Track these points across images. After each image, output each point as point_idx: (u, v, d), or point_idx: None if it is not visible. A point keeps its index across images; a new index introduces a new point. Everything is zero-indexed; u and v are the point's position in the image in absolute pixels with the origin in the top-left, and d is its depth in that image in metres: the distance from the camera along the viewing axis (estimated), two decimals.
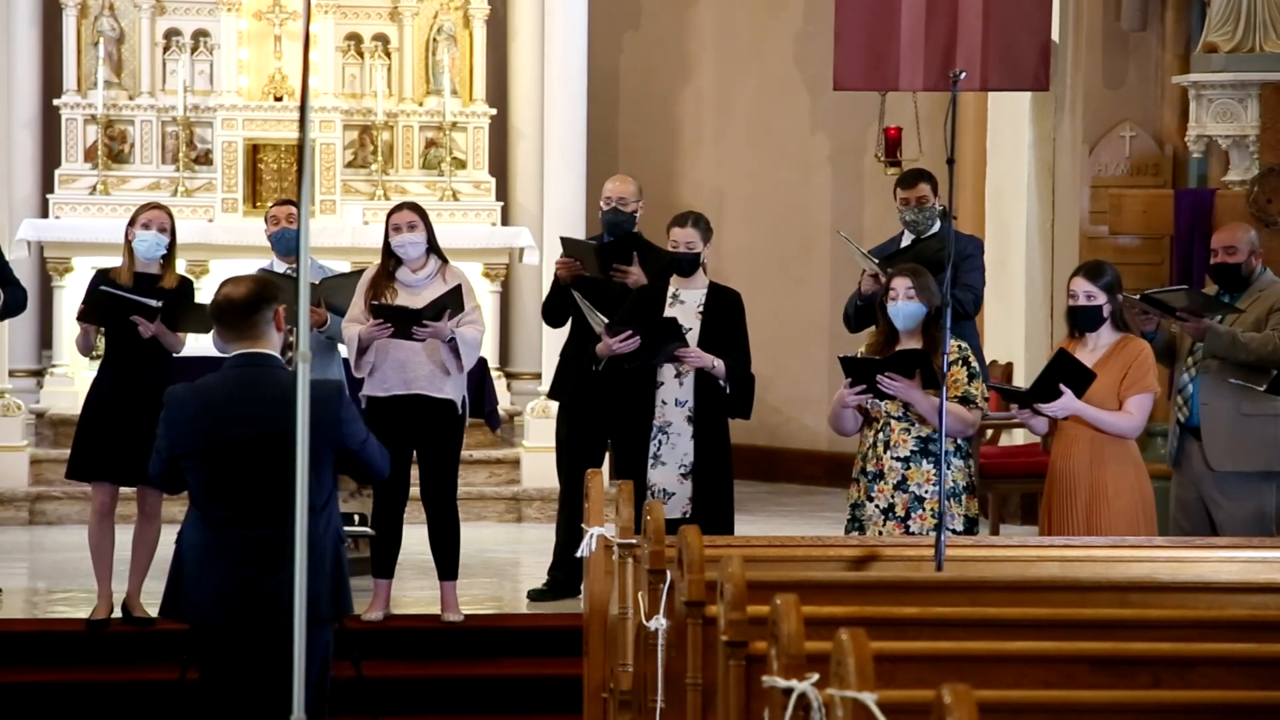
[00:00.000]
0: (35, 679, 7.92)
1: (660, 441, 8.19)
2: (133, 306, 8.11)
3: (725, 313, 8.30)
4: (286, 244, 8.85)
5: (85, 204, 11.96)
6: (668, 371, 8.22)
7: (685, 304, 8.31)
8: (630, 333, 8.15)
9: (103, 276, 8.41)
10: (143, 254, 8.30)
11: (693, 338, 8.20)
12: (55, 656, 8.11)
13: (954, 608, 5.48)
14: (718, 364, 8.16)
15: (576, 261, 8.89)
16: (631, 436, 8.29)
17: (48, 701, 7.85)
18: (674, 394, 8.22)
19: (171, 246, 8.37)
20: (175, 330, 8.25)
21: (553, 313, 9.22)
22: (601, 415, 8.74)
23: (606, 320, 8.25)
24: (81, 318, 8.27)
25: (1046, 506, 7.59)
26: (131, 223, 8.36)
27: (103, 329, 8.37)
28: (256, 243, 11.01)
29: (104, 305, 8.17)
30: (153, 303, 8.13)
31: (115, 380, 8.22)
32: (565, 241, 9.19)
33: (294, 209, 8.89)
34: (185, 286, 8.41)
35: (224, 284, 5.69)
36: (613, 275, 8.78)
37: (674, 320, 8.16)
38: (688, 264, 8.32)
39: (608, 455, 9.16)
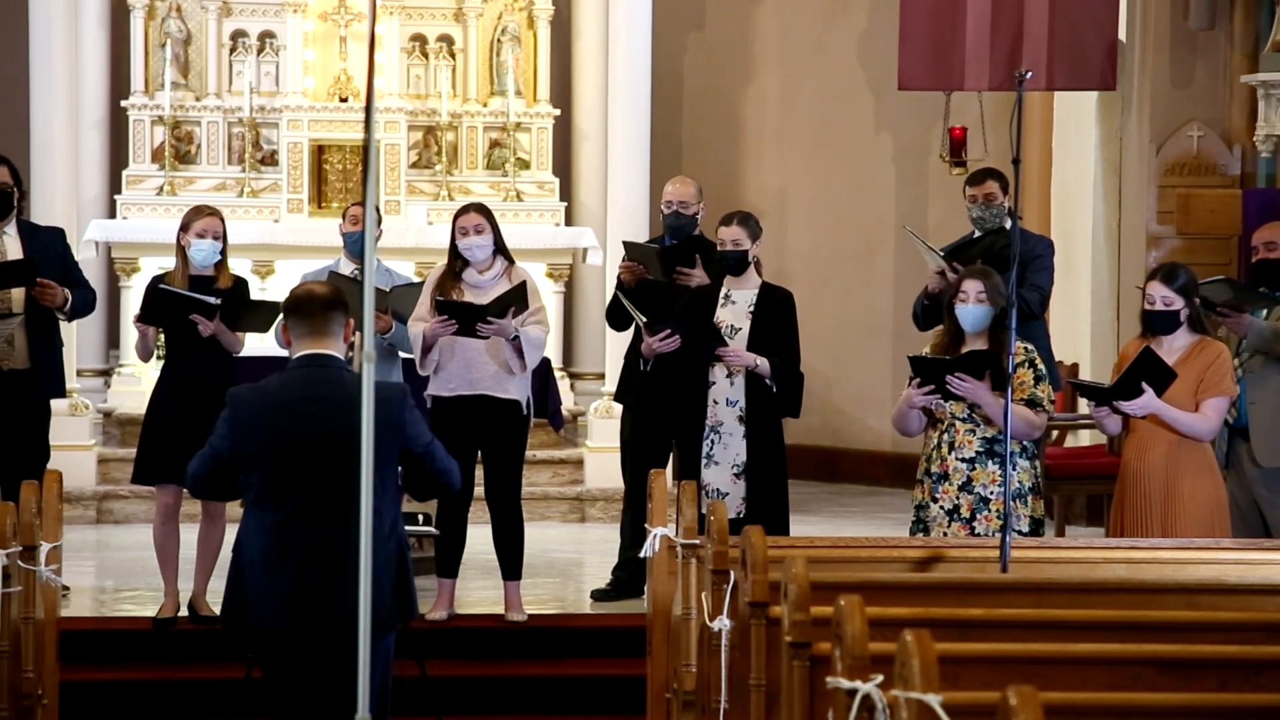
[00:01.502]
0: (102, 677, 7.96)
1: (713, 441, 8.19)
2: (192, 305, 8.14)
3: (775, 312, 8.29)
4: (356, 245, 8.93)
5: (152, 204, 12.03)
6: (719, 372, 8.22)
7: (737, 304, 8.30)
8: (669, 332, 8.17)
9: (159, 282, 8.46)
10: (199, 261, 8.34)
11: (742, 337, 8.19)
12: (122, 655, 8.16)
13: (1019, 609, 5.45)
14: (760, 363, 8.15)
15: (640, 265, 8.89)
16: (690, 437, 8.28)
17: (114, 699, 7.90)
18: (725, 394, 8.22)
19: (224, 249, 8.40)
20: (234, 330, 8.29)
21: (616, 317, 9.22)
22: (665, 416, 8.75)
23: (647, 320, 8.27)
24: (141, 319, 8.31)
25: (1118, 508, 7.54)
26: (184, 228, 8.37)
27: (161, 333, 8.39)
28: (321, 243, 11.08)
29: (163, 305, 8.20)
30: (212, 300, 8.16)
31: (176, 382, 8.26)
32: (628, 245, 9.20)
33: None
34: (240, 285, 8.45)
35: (304, 283, 5.72)
36: (675, 278, 8.78)
37: (710, 320, 8.16)
38: (734, 262, 8.31)
39: (672, 456, 9.16)
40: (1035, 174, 12.07)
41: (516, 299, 8.18)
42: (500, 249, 8.41)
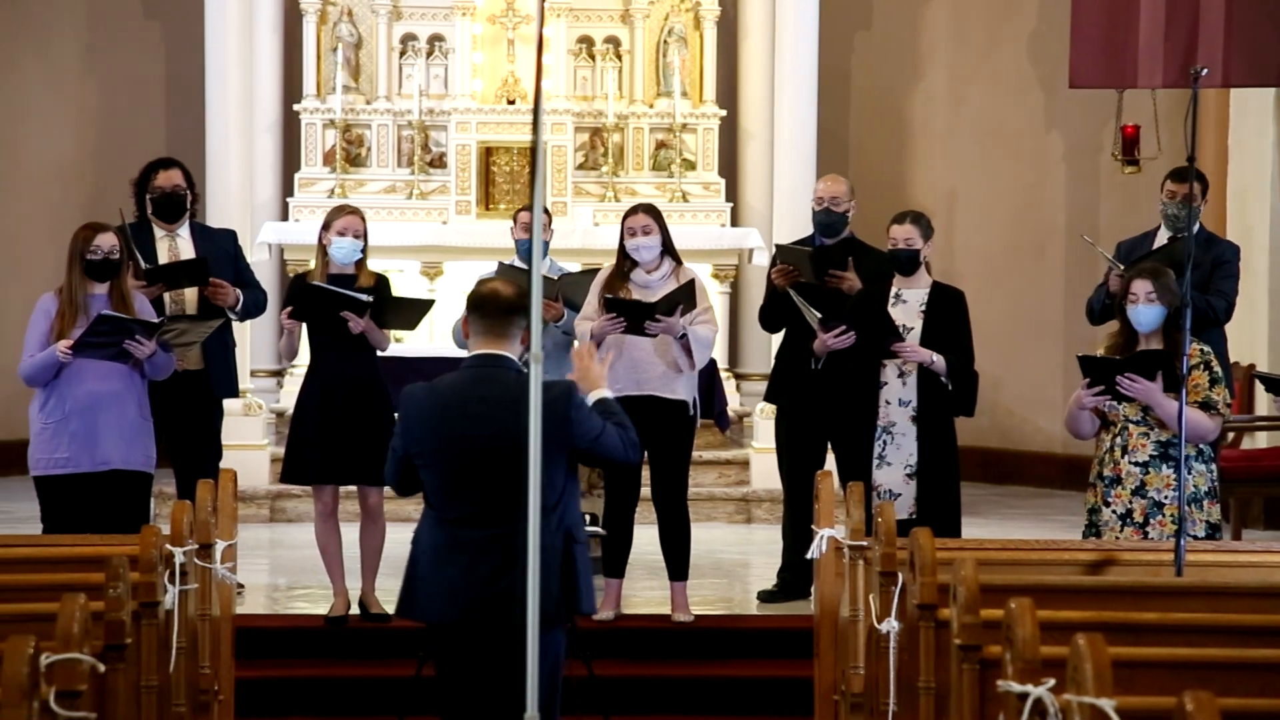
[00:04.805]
0: (276, 674, 8.07)
1: (885, 442, 8.13)
2: (343, 302, 8.21)
3: (948, 311, 8.21)
4: (528, 251, 8.97)
5: (324, 207, 12.11)
6: (891, 371, 8.15)
7: (908, 303, 8.24)
8: (844, 328, 8.11)
9: (300, 280, 8.55)
10: (340, 260, 8.39)
11: (914, 337, 8.12)
12: (295, 651, 8.26)
13: (1195, 613, 5.36)
14: (937, 359, 8.08)
15: (792, 269, 8.85)
16: (854, 437, 8.23)
17: (288, 696, 7.99)
18: (898, 394, 8.15)
19: (365, 248, 8.47)
20: (381, 327, 8.35)
21: (770, 318, 9.18)
22: (820, 417, 8.70)
23: (821, 317, 8.22)
24: (291, 315, 8.38)
25: None
26: (325, 227, 8.46)
27: (305, 332, 8.48)
28: (490, 244, 11.16)
29: (314, 301, 8.27)
30: (364, 297, 8.21)
31: (324, 382, 8.32)
32: (780, 249, 9.15)
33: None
34: (382, 284, 8.50)
35: (490, 281, 5.76)
36: (827, 281, 8.72)
37: (887, 314, 8.10)
38: (906, 260, 8.24)
39: (829, 456, 9.11)
40: (1210, 172, 11.84)
41: (685, 297, 8.19)
42: (668, 250, 8.42)
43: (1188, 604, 5.59)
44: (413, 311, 8.60)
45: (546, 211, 8.89)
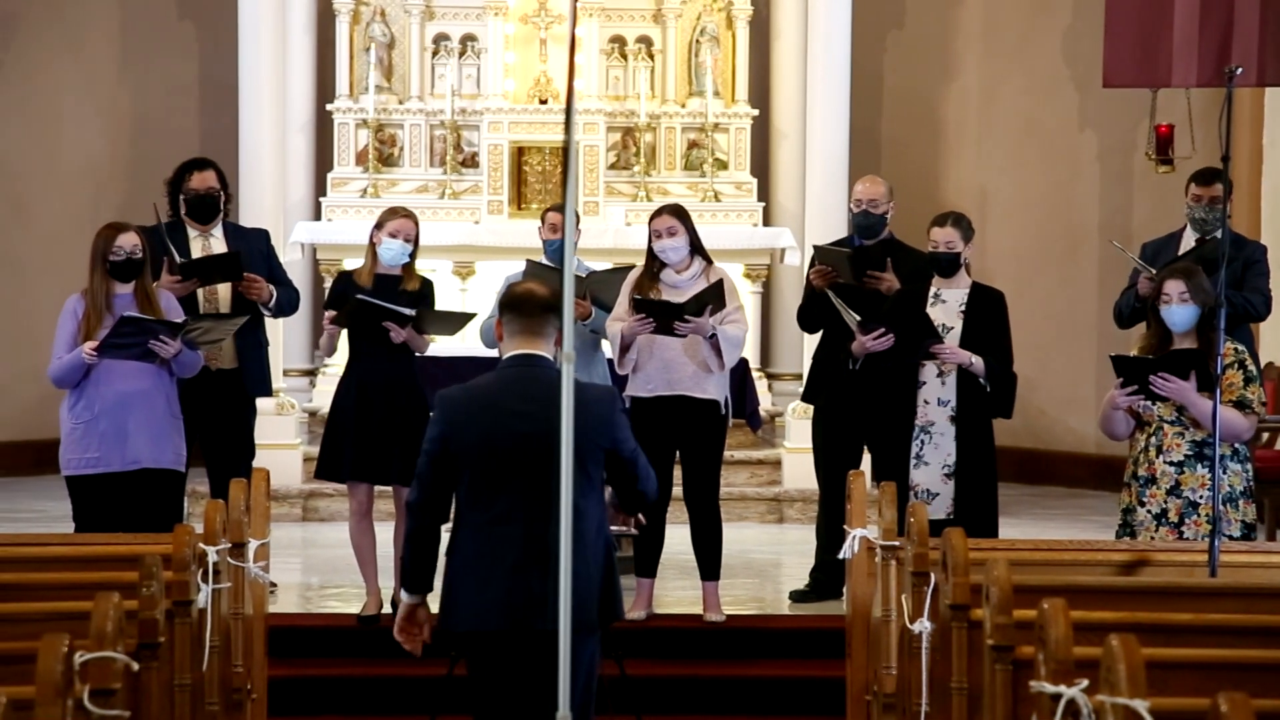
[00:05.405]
0: (308, 673, 8.09)
1: (923, 442, 8.11)
2: (386, 314, 8.25)
3: (988, 312, 8.19)
4: (557, 255, 8.98)
5: (356, 207, 12.21)
6: (930, 371, 8.14)
7: (947, 304, 8.22)
8: (884, 330, 8.10)
9: (347, 278, 8.58)
10: (388, 261, 8.44)
11: (954, 337, 8.11)
12: (327, 650, 8.28)
13: (1229, 614, 5.34)
14: (975, 360, 8.06)
15: (831, 270, 8.83)
16: (891, 438, 8.22)
17: (320, 695, 8.01)
18: (936, 394, 8.14)
19: (414, 252, 8.50)
20: (421, 333, 8.38)
21: (807, 319, 9.18)
22: (857, 417, 8.69)
23: (860, 318, 8.21)
24: (334, 321, 8.42)
25: None
26: (378, 226, 8.50)
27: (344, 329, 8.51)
28: (521, 244, 11.17)
29: (357, 312, 8.31)
30: (408, 312, 8.26)
31: (362, 381, 8.36)
32: (818, 250, 9.14)
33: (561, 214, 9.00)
34: (427, 288, 8.53)
35: (526, 281, 5.75)
36: (865, 282, 8.71)
37: (926, 316, 8.08)
38: (946, 263, 8.22)
39: (866, 457, 9.10)
40: (1245, 172, 11.82)
41: (714, 297, 8.18)
42: (697, 249, 8.41)
43: (1222, 605, 5.56)
44: (453, 323, 8.63)
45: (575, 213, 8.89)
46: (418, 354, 8.45)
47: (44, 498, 11.34)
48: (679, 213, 8.44)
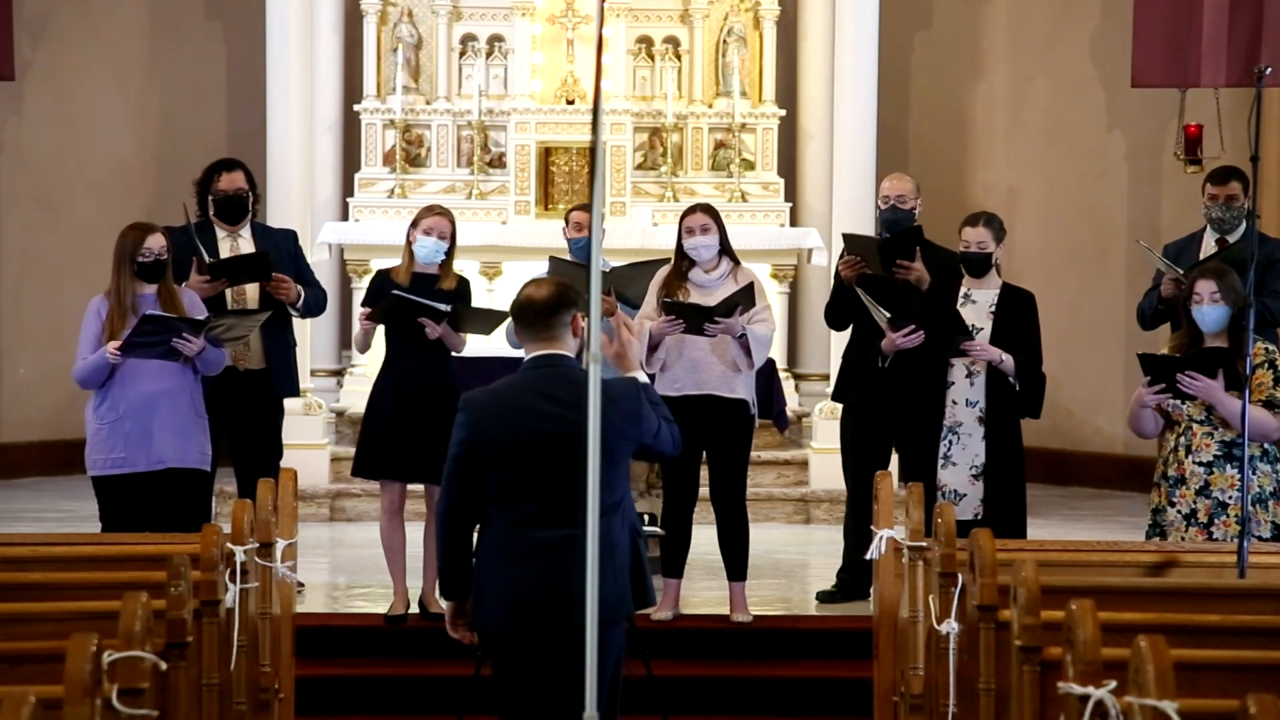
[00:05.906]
0: (336, 672, 8.10)
1: (951, 442, 8.10)
2: (422, 309, 8.26)
3: (1018, 312, 8.18)
4: (583, 252, 8.98)
5: (383, 207, 12.22)
6: (958, 371, 8.13)
7: (977, 304, 8.21)
8: (914, 327, 8.08)
9: (384, 276, 8.60)
10: (423, 258, 8.46)
11: (983, 338, 8.10)
12: (354, 650, 8.29)
13: (1258, 615, 5.32)
14: (1006, 359, 8.05)
15: (859, 259, 8.81)
16: (919, 437, 8.20)
17: (348, 694, 8.03)
18: (965, 394, 8.12)
19: (450, 250, 8.52)
20: (457, 331, 8.40)
21: (836, 315, 9.15)
22: (886, 417, 8.68)
23: (890, 316, 8.19)
24: (370, 318, 8.44)
25: None
26: (414, 224, 8.52)
27: (380, 326, 8.53)
28: (548, 244, 11.16)
29: (393, 308, 8.33)
30: (443, 307, 8.27)
31: (398, 379, 8.38)
32: (847, 238, 9.13)
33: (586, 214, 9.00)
34: (463, 286, 8.55)
35: (527, 285, 5.72)
36: (895, 272, 8.69)
37: (957, 313, 8.07)
38: (977, 263, 8.21)
39: (894, 457, 9.09)
40: (1274, 173, 11.78)
41: (744, 299, 8.18)
42: (726, 249, 8.42)
43: (1251, 606, 5.55)
44: (490, 321, 8.63)
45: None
46: (454, 353, 8.47)
47: (72, 498, 11.37)
48: (712, 211, 8.46)
